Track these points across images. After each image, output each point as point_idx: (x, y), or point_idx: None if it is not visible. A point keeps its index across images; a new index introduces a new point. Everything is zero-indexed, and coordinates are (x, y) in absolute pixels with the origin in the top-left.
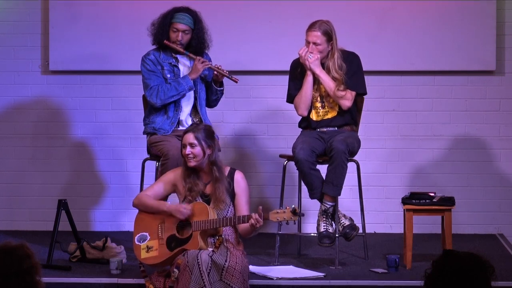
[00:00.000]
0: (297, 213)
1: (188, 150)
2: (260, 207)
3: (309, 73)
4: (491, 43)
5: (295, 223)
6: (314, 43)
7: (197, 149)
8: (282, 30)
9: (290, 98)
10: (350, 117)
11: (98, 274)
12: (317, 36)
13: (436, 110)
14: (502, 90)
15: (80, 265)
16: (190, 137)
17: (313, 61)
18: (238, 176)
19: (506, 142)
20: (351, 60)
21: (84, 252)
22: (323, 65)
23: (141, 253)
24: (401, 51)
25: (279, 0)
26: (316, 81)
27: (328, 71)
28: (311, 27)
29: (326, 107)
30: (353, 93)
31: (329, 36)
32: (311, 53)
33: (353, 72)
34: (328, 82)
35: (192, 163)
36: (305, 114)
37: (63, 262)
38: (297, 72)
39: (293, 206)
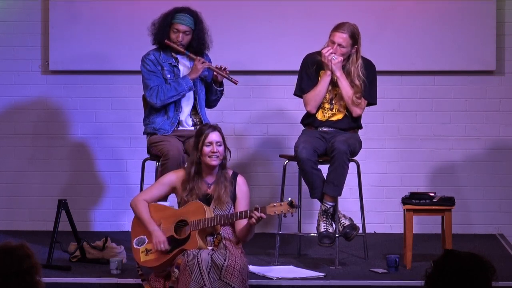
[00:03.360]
0: (294, 205)
1: (216, 148)
2: (257, 205)
3: (328, 73)
4: (491, 43)
5: (292, 216)
6: (339, 45)
7: (222, 148)
8: (282, 30)
9: (301, 92)
10: (355, 123)
11: (98, 274)
12: (343, 38)
13: (436, 110)
14: (502, 90)
15: (80, 265)
16: (217, 136)
17: (336, 62)
18: (240, 180)
19: (506, 142)
20: (368, 68)
21: (84, 252)
22: (343, 67)
23: (141, 257)
24: (401, 51)
25: (279, 0)
26: (331, 82)
27: (347, 75)
28: (339, 28)
29: (334, 109)
30: (365, 101)
31: (355, 40)
32: (335, 53)
33: (369, 81)
34: (346, 87)
35: (215, 162)
36: (314, 111)
37: (63, 262)
38: (313, 69)
39: (289, 198)
